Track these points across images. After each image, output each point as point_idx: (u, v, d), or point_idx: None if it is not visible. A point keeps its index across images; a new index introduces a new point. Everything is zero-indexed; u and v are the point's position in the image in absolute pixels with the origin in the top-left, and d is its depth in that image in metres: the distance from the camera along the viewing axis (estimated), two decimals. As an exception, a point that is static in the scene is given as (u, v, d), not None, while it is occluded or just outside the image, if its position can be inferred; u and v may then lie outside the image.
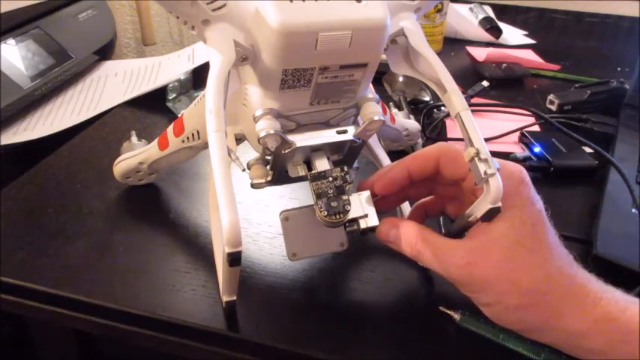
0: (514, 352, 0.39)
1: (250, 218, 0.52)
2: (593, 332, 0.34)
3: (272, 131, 0.35)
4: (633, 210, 0.52)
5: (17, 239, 0.48)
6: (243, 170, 0.38)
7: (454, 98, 0.36)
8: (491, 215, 0.35)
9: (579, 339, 0.35)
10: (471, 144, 0.35)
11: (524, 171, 0.37)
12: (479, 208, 0.36)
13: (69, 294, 0.43)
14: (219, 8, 0.33)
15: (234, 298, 0.40)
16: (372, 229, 0.39)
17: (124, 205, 0.53)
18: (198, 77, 0.74)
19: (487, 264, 0.36)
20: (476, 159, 0.35)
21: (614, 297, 0.35)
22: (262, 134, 0.35)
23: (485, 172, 0.34)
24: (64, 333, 0.52)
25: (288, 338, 0.40)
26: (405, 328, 0.41)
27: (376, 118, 0.37)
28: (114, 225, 0.51)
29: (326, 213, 0.37)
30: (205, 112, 0.33)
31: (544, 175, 0.59)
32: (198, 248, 0.48)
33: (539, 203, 0.37)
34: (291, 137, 0.36)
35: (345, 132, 0.38)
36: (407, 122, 0.57)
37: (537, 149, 0.61)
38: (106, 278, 0.45)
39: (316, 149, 0.39)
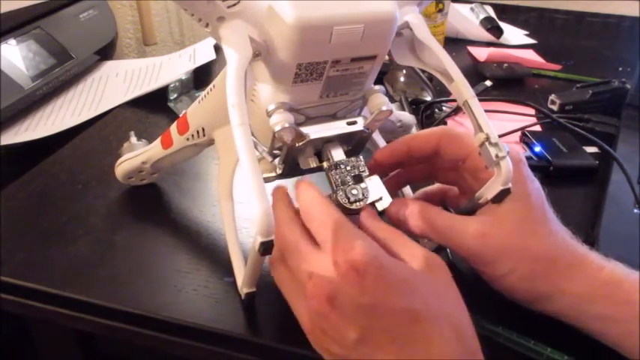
0: (514, 352, 0.39)
1: (253, 218, 0.51)
2: (600, 295, 0.36)
3: (287, 124, 0.35)
4: (635, 210, 0.52)
5: (17, 239, 0.48)
6: (272, 161, 0.39)
7: (461, 86, 0.38)
8: (502, 196, 0.37)
9: (587, 303, 0.37)
10: (481, 129, 0.37)
11: (520, 150, 0.39)
12: (490, 190, 0.37)
13: (69, 294, 0.43)
14: (234, 5, 0.34)
15: (254, 289, 0.40)
16: None
17: (125, 205, 0.53)
18: (199, 77, 0.74)
19: (500, 234, 0.38)
20: (486, 143, 0.36)
21: (617, 265, 0.38)
22: (278, 128, 0.35)
23: (497, 156, 0.36)
24: (64, 333, 0.52)
25: (289, 338, 0.40)
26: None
27: (384, 108, 0.38)
28: (115, 225, 0.51)
29: (347, 200, 0.38)
30: (228, 106, 0.33)
31: (544, 174, 0.59)
32: (200, 248, 0.48)
33: (536, 181, 0.39)
34: (303, 130, 0.37)
35: (354, 123, 0.39)
36: (401, 114, 0.57)
37: (538, 149, 0.61)
38: (107, 278, 0.45)
39: (328, 140, 0.39)
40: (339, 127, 0.39)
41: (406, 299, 0.31)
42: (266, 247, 0.33)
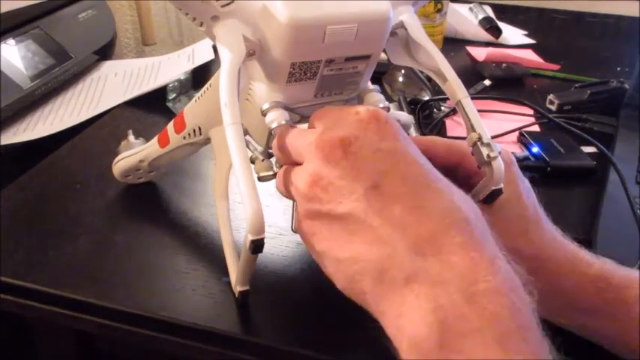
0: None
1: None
2: (590, 291, 0.37)
3: (283, 122, 0.35)
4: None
5: (17, 239, 0.48)
6: (263, 160, 0.39)
7: (455, 86, 0.38)
8: (494, 196, 0.37)
9: (576, 300, 0.37)
10: (473, 129, 0.37)
11: (510, 153, 0.40)
12: (482, 190, 0.37)
13: (68, 294, 0.43)
14: (228, 4, 0.34)
15: (248, 287, 0.40)
16: None
17: (124, 205, 0.54)
18: (198, 77, 0.74)
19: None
20: (478, 143, 0.36)
21: (605, 262, 0.38)
22: (274, 125, 0.35)
23: (489, 156, 0.36)
24: (63, 333, 0.52)
25: (288, 338, 0.40)
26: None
27: (381, 105, 0.39)
28: (114, 225, 0.51)
29: None
30: (220, 105, 0.33)
31: (541, 175, 0.59)
32: (199, 248, 0.48)
33: (526, 181, 0.40)
34: (300, 127, 0.37)
35: None
36: (399, 114, 0.58)
37: (535, 149, 0.61)
38: (106, 278, 0.45)
39: None
40: None
41: (423, 158, 0.31)
42: (257, 245, 0.33)
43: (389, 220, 0.28)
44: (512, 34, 1.02)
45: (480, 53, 0.89)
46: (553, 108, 0.73)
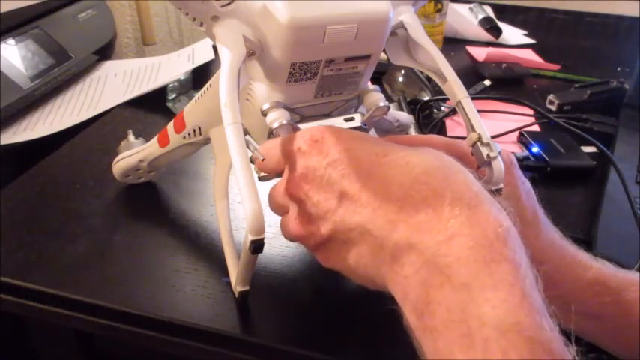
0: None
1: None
2: (588, 295, 0.37)
3: (284, 121, 0.36)
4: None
5: (17, 239, 0.49)
6: (263, 160, 0.39)
7: (455, 86, 0.38)
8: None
9: (575, 303, 0.36)
10: (473, 129, 0.37)
11: (511, 154, 0.40)
12: None
13: (69, 294, 0.43)
14: (228, 4, 0.34)
15: (248, 287, 0.40)
16: None
17: (124, 205, 0.54)
18: (198, 77, 0.74)
19: None
20: (478, 143, 0.36)
21: (604, 264, 0.38)
22: (275, 125, 0.36)
23: (488, 156, 0.36)
24: (64, 333, 0.52)
25: (287, 338, 0.40)
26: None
27: (381, 104, 0.39)
28: (114, 225, 0.51)
29: None
30: (220, 105, 0.33)
31: (541, 175, 0.59)
32: (199, 248, 0.48)
33: (527, 182, 0.39)
34: (301, 127, 0.37)
35: (352, 119, 0.39)
36: (398, 114, 0.58)
37: (535, 149, 0.61)
38: (106, 278, 0.45)
39: None
40: (336, 124, 0.39)
41: (369, 143, 0.33)
42: (257, 246, 0.33)
43: (363, 213, 0.31)
44: (512, 34, 1.02)
45: (479, 53, 0.89)
46: (553, 108, 0.73)
